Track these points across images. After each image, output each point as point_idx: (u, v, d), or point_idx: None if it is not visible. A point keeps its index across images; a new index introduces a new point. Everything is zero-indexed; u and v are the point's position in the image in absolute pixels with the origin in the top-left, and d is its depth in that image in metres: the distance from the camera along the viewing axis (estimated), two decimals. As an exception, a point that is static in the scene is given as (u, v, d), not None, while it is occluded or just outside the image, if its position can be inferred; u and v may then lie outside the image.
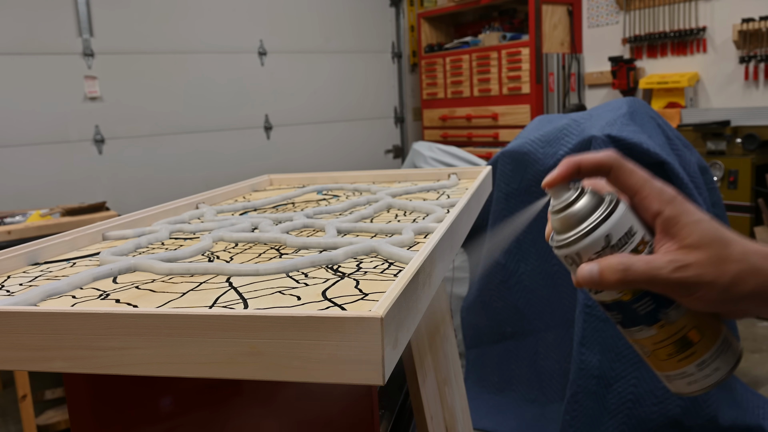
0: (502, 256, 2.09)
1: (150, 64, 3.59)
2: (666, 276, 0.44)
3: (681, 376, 0.48)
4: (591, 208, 0.46)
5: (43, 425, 2.10)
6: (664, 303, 0.47)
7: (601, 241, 0.46)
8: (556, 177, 0.48)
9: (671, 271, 0.44)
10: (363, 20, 4.49)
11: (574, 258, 0.47)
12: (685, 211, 0.46)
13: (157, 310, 0.51)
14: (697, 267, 0.44)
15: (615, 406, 1.76)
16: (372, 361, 0.47)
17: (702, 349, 0.47)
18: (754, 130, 3.00)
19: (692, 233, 0.45)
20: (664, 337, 0.47)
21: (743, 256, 0.45)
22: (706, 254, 0.44)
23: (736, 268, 0.44)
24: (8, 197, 3.14)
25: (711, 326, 0.48)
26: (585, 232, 0.46)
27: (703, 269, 0.44)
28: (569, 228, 0.47)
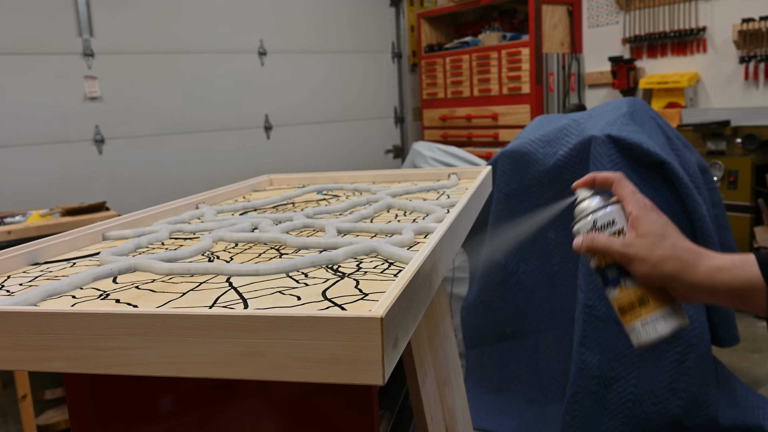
0: (502, 256, 2.09)
1: (150, 64, 3.59)
2: (616, 248, 0.67)
3: (631, 330, 0.69)
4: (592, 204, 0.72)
5: (43, 425, 2.10)
6: (624, 273, 0.69)
7: (590, 223, 0.71)
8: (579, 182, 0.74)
9: (620, 246, 0.67)
10: (363, 20, 4.49)
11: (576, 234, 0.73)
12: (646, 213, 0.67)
13: (157, 310, 0.51)
14: (637, 247, 0.66)
15: (615, 406, 1.76)
16: (372, 361, 0.47)
17: (645, 312, 0.67)
18: (754, 130, 3.00)
19: (643, 227, 0.66)
20: (622, 298, 0.69)
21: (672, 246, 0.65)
22: (646, 240, 0.66)
23: (661, 252, 0.65)
24: (8, 197, 3.14)
25: (658, 297, 0.67)
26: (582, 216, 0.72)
27: (640, 249, 0.66)
28: (579, 214, 0.73)
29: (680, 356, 1.71)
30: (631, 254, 0.66)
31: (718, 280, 0.62)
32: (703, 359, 1.71)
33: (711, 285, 0.63)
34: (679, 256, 0.64)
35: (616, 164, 1.79)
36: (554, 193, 1.97)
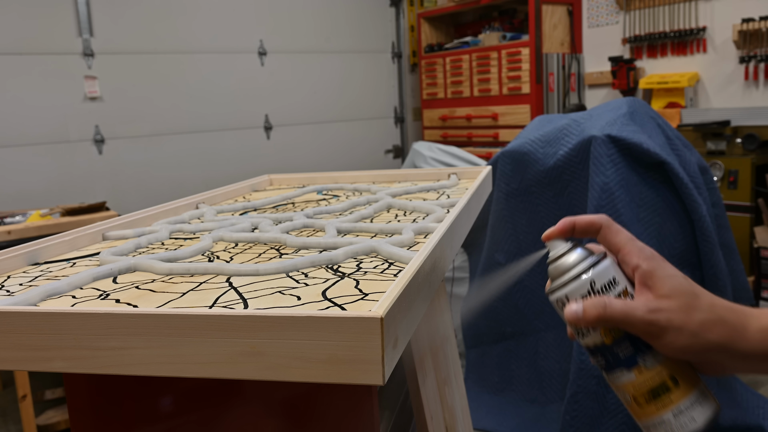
0: (502, 256, 2.09)
1: (150, 64, 3.59)
2: (640, 316, 0.50)
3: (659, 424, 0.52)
4: (581, 258, 0.54)
5: (43, 425, 2.10)
6: (642, 348, 0.52)
7: (586, 286, 0.53)
8: (553, 231, 0.56)
9: (645, 312, 0.50)
10: (363, 20, 4.49)
11: (564, 301, 0.54)
12: (660, 266, 0.52)
13: (157, 310, 0.51)
14: (668, 312, 0.50)
15: (615, 406, 1.76)
16: (372, 361, 0.47)
17: (678, 398, 0.51)
18: (754, 130, 3.00)
19: (666, 284, 0.51)
20: (642, 382, 0.52)
21: (710, 307, 0.50)
22: (676, 302, 0.50)
23: (702, 316, 0.49)
24: (8, 197, 3.14)
25: (687, 376, 0.52)
26: (573, 277, 0.54)
27: (673, 314, 0.50)
28: (561, 274, 0.54)
29: (680, 356, 1.71)
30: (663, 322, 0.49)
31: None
32: (703, 359, 1.71)
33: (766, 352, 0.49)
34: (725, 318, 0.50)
35: (616, 164, 1.79)
36: (554, 193, 1.97)
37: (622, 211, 1.75)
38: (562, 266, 0.55)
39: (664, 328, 0.50)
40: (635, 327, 0.51)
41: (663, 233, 1.79)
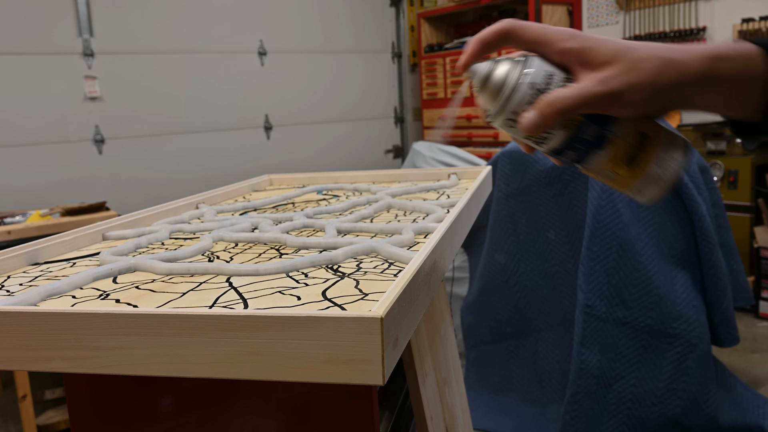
0: (502, 255, 2.09)
1: (150, 64, 3.59)
2: (595, 91, 0.48)
3: (648, 180, 0.52)
4: (510, 68, 0.51)
5: (43, 425, 2.10)
6: (604, 122, 0.51)
7: (529, 91, 0.50)
8: (466, 58, 0.52)
9: (598, 87, 0.48)
10: (363, 20, 4.49)
11: (513, 117, 0.51)
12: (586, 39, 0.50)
13: (157, 310, 0.51)
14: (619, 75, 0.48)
15: (615, 406, 1.76)
16: (372, 361, 0.47)
17: (653, 149, 0.51)
18: (754, 130, 3.00)
19: (601, 53, 0.49)
20: (617, 152, 0.51)
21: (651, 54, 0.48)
22: (620, 64, 0.48)
23: (650, 65, 0.48)
24: (8, 197, 3.14)
25: (651, 127, 0.52)
26: (513, 89, 0.50)
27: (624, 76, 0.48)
28: (497, 94, 0.51)
29: (680, 356, 1.71)
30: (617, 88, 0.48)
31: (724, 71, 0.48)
32: (703, 359, 1.71)
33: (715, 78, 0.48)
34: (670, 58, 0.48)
35: (616, 164, 1.79)
36: (554, 193, 1.97)
37: (622, 211, 1.75)
38: (495, 84, 0.51)
39: (622, 92, 0.48)
40: (594, 105, 0.49)
41: (663, 233, 1.79)
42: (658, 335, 1.73)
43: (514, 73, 0.51)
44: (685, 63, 0.48)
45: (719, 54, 0.48)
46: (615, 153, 0.52)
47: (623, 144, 0.51)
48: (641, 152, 0.51)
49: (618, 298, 1.76)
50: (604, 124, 0.51)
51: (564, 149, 0.52)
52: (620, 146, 0.51)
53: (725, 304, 1.80)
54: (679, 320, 1.71)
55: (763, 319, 2.82)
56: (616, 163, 0.52)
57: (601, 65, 0.49)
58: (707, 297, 1.79)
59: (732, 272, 2.01)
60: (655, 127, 0.52)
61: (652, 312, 1.73)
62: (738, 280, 2.05)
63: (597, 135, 0.51)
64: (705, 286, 1.80)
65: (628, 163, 0.52)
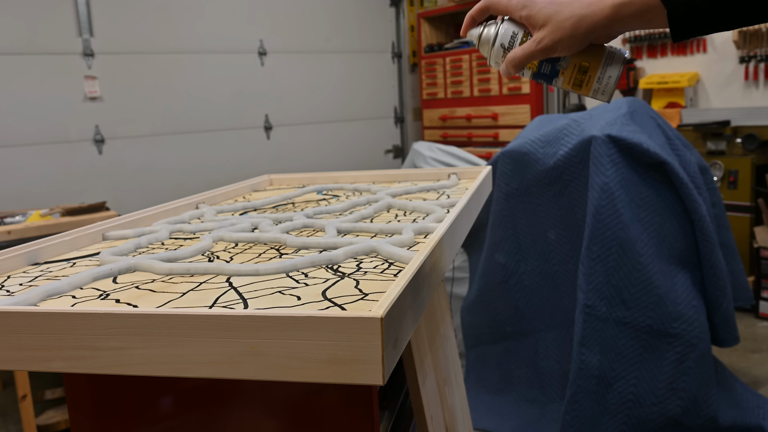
0: (502, 255, 2.09)
1: (150, 64, 3.59)
2: (534, 49, 0.72)
3: (596, 91, 0.75)
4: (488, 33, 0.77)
5: (43, 425, 2.10)
6: (554, 60, 0.75)
7: (500, 49, 0.76)
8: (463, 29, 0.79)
9: (536, 45, 0.72)
10: (363, 20, 4.49)
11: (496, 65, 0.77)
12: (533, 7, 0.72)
13: (157, 310, 0.52)
14: (548, 35, 0.71)
15: (615, 406, 1.76)
16: (372, 361, 0.47)
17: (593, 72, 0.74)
18: (754, 130, 3.00)
19: (538, 18, 0.71)
20: (569, 77, 0.75)
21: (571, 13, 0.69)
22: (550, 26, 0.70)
23: (569, 23, 0.69)
24: (8, 197, 3.14)
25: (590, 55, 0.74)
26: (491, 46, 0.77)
27: (552, 35, 0.70)
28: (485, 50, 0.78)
29: (680, 356, 1.71)
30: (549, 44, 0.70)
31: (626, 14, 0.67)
32: (703, 359, 1.71)
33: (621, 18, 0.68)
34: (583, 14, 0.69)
35: (616, 164, 1.79)
36: (554, 193, 1.97)
37: (622, 211, 1.75)
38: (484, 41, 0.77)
39: (552, 46, 0.71)
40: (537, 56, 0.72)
41: (663, 233, 1.79)
42: (658, 335, 1.73)
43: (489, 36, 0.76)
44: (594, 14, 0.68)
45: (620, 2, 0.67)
46: (566, 78, 0.75)
47: (570, 72, 0.75)
48: (584, 77, 0.74)
49: (618, 298, 1.76)
50: (554, 61, 0.75)
51: (535, 78, 0.77)
52: (568, 74, 0.75)
53: (725, 304, 1.80)
54: (679, 320, 1.71)
55: (763, 319, 2.82)
56: (570, 84, 0.76)
57: (539, 27, 0.71)
58: (707, 297, 1.79)
59: (732, 272, 2.01)
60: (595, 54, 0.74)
61: (652, 312, 1.73)
62: (738, 280, 2.05)
63: (551, 69, 0.76)
64: (705, 286, 1.80)
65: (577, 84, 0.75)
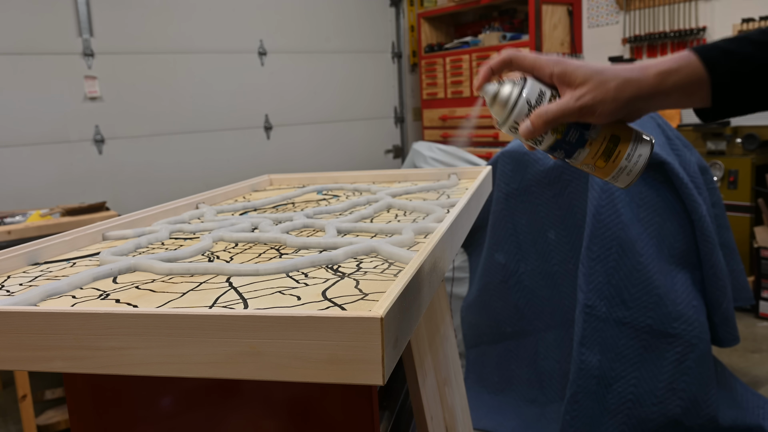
0: (502, 255, 2.09)
1: (150, 64, 3.59)
2: (572, 106, 0.64)
3: (620, 171, 0.68)
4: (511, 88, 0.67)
5: (43, 425, 2.10)
6: (584, 128, 0.66)
7: (525, 106, 0.65)
8: (479, 82, 0.68)
9: (574, 102, 0.64)
10: (363, 20, 4.49)
11: (515, 125, 0.67)
12: (568, 64, 0.65)
13: (157, 310, 0.51)
14: (589, 93, 0.63)
15: (615, 406, 1.76)
16: (372, 361, 0.47)
17: (624, 148, 0.67)
18: (754, 130, 3.00)
19: (577, 76, 0.64)
20: (596, 150, 0.67)
21: (616, 74, 0.64)
22: (592, 83, 0.64)
23: (613, 84, 0.63)
24: (8, 197, 3.14)
25: (622, 131, 0.67)
26: (513, 104, 0.66)
27: (594, 93, 0.63)
28: (503, 108, 0.67)
29: (680, 356, 1.71)
30: (590, 102, 0.63)
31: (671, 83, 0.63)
32: (703, 359, 1.71)
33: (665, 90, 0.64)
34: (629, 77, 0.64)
35: (616, 164, 1.78)
36: (554, 193, 1.97)
37: (622, 211, 1.75)
38: (501, 100, 0.67)
39: (593, 106, 0.63)
40: (573, 115, 0.64)
41: (663, 233, 1.79)
42: (658, 335, 1.73)
43: (514, 92, 0.66)
44: (640, 80, 0.63)
45: (666, 69, 0.63)
46: (593, 151, 0.67)
47: (599, 144, 0.67)
48: (614, 151, 0.67)
49: (618, 298, 1.76)
50: (583, 129, 0.66)
51: (556, 148, 0.67)
52: (597, 146, 0.67)
53: (725, 304, 1.80)
54: (679, 320, 1.71)
55: (763, 319, 2.82)
56: (595, 158, 0.67)
57: (578, 85, 0.64)
58: (707, 297, 1.79)
59: (732, 272, 2.01)
60: (626, 129, 0.67)
61: (652, 312, 1.73)
62: (738, 280, 2.04)
63: (578, 138, 0.66)
64: (705, 286, 1.80)
65: (604, 158, 0.67)
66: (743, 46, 0.63)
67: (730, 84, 0.62)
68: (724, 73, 0.62)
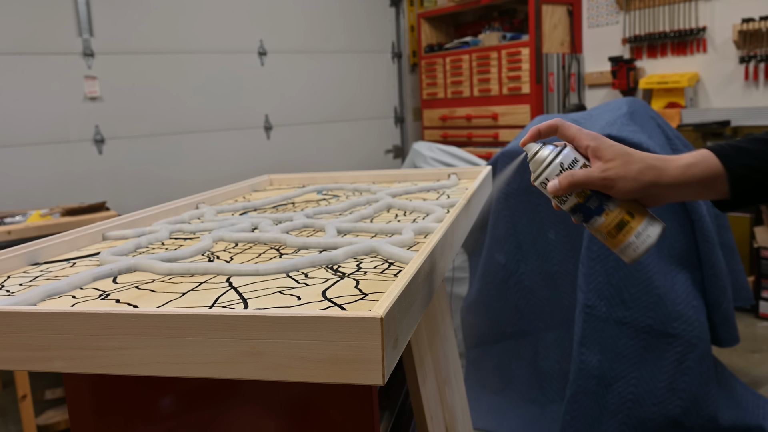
0: (502, 256, 2.09)
1: (150, 64, 3.59)
2: (597, 176, 0.71)
3: (628, 246, 0.73)
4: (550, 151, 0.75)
5: (43, 425, 2.10)
6: (604, 198, 0.73)
7: (558, 167, 0.74)
8: (526, 139, 0.77)
9: (599, 173, 0.71)
10: (363, 20, 4.49)
11: (545, 182, 0.75)
12: (603, 141, 0.73)
13: (157, 310, 0.51)
14: (614, 168, 0.71)
15: (615, 406, 1.76)
16: (372, 361, 0.47)
17: (636, 224, 0.73)
18: (754, 130, 3.00)
19: (609, 152, 0.72)
20: (611, 221, 0.73)
21: (642, 159, 0.72)
22: (618, 161, 0.71)
23: (637, 166, 0.71)
24: (8, 197, 3.14)
25: (638, 209, 0.74)
26: (548, 164, 0.74)
27: (618, 169, 0.71)
28: (539, 165, 0.75)
29: (680, 356, 1.71)
30: (612, 176, 0.71)
31: (690, 175, 0.71)
32: (703, 359, 1.71)
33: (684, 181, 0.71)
34: (653, 164, 0.71)
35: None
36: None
37: (622, 211, 1.75)
38: (539, 159, 0.75)
39: (615, 180, 0.71)
40: (595, 184, 0.72)
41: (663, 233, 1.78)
42: (658, 335, 1.73)
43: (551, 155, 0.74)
44: (663, 169, 0.71)
45: (686, 163, 0.71)
46: (609, 221, 0.73)
47: (614, 216, 0.73)
48: (626, 225, 0.73)
49: (618, 298, 1.76)
50: (604, 199, 0.73)
51: (576, 210, 0.75)
52: (612, 217, 0.73)
53: (725, 304, 1.80)
54: (679, 320, 1.71)
55: (763, 319, 2.82)
56: (608, 228, 0.74)
57: (606, 160, 0.72)
58: (707, 297, 1.79)
59: (732, 272, 2.01)
60: (642, 210, 0.74)
61: (652, 312, 1.73)
62: (738, 280, 2.04)
63: (597, 206, 0.74)
64: (705, 286, 1.79)
65: (616, 230, 0.73)
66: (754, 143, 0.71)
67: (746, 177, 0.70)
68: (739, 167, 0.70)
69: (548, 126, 0.77)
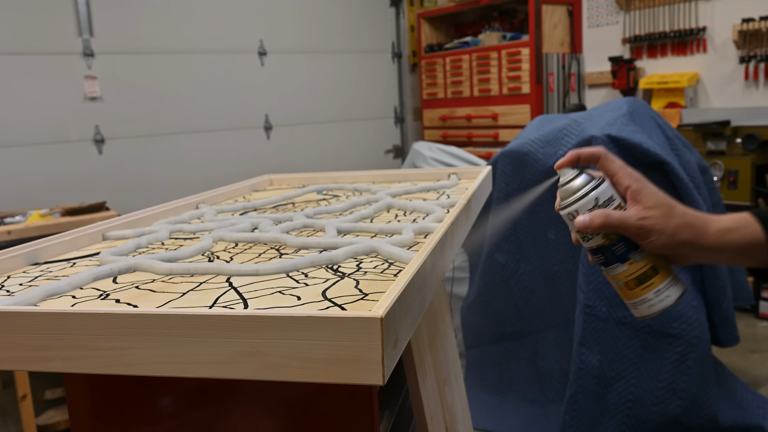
0: (502, 256, 2.09)
1: (150, 64, 3.59)
2: (633, 222, 0.66)
3: (643, 301, 0.69)
4: (586, 182, 0.69)
5: (43, 425, 2.10)
6: (632, 246, 0.68)
7: (592, 201, 0.68)
8: (563, 161, 0.71)
9: (636, 219, 0.66)
10: (363, 20, 4.49)
11: (574, 214, 0.69)
12: (646, 185, 0.68)
13: (157, 310, 0.51)
14: (653, 219, 0.66)
15: (615, 406, 1.76)
16: (372, 361, 0.47)
17: (658, 282, 0.68)
18: (754, 130, 3.00)
19: (650, 199, 0.67)
20: (633, 272, 0.68)
21: (683, 215, 0.67)
22: (659, 212, 0.66)
23: (677, 221, 0.66)
24: (8, 197, 3.14)
25: (664, 266, 0.69)
26: (582, 195, 0.68)
27: (657, 220, 0.66)
28: (571, 195, 0.69)
29: (680, 356, 1.71)
30: (649, 226, 0.66)
31: (728, 240, 0.67)
32: (703, 359, 1.71)
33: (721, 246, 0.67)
34: (692, 223, 0.66)
35: (616, 164, 1.78)
36: (554, 193, 1.97)
37: (622, 211, 1.75)
38: (572, 188, 0.69)
39: (650, 231, 0.66)
40: (629, 230, 0.67)
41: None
42: (658, 335, 1.73)
43: (588, 186, 0.68)
44: (701, 229, 0.67)
45: (725, 228, 0.67)
46: (631, 271, 0.68)
47: (638, 268, 0.68)
48: (648, 280, 0.68)
49: (618, 297, 1.76)
50: (631, 247, 0.68)
51: (599, 251, 0.70)
52: (636, 268, 0.68)
53: (725, 304, 1.80)
54: (679, 320, 1.71)
55: (763, 319, 2.82)
56: (628, 278, 0.69)
57: (646, 207, 0.67)
58: (707, 297, 1.79)
59: (732, 272, 2.01)
60: (667, 268, 0.69)
61: (652, 312, 1.73)
62: (738, 280, 2.04)
63: (623, 253, 0.68)
64: (705, 285, 1.79)
65: (636, 283, 0.68)
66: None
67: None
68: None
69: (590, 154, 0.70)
